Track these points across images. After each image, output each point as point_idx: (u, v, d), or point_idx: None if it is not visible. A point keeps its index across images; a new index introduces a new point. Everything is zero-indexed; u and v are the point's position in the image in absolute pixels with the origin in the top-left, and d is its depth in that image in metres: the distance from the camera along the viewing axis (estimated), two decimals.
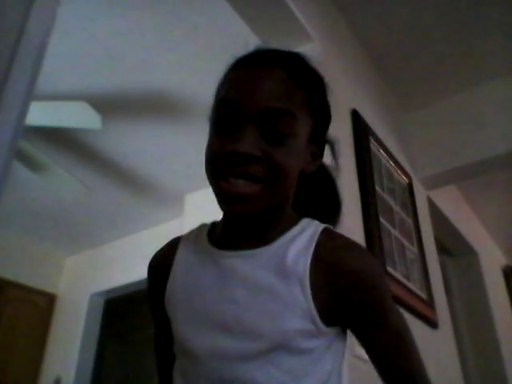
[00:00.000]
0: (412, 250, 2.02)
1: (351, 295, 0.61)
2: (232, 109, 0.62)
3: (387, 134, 2.26)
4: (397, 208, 2.02)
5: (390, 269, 1.71)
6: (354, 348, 1.33)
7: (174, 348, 0.67)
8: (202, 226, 0.73)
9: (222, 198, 0.62)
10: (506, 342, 3.02)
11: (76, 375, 3.85)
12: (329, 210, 0.75)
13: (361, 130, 1.90)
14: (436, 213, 2.68)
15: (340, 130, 1.80)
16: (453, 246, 3.14)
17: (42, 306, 4.21)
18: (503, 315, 3.27)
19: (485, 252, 3.41)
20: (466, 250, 3.18)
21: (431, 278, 2.09)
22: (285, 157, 0.61)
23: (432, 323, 1.95)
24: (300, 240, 0.63)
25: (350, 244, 0.64)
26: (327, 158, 0.75)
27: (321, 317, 0.60)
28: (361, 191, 1.76)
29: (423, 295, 1.94)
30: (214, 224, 0.73)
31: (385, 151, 2.07)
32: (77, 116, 2.39)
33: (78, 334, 3.98)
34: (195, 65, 2.37)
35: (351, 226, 1.63)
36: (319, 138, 0.70)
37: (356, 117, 1.91)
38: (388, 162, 2.09)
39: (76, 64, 2.45)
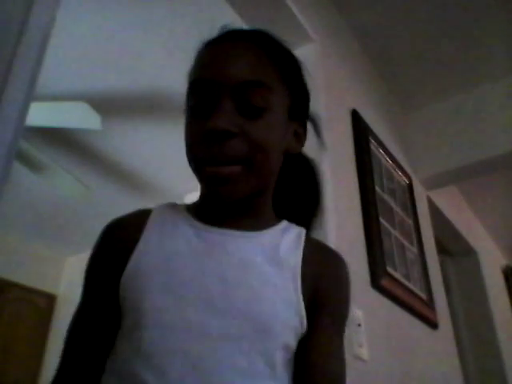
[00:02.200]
0: (412, 251, 2.01)
1: (332, 295, 0.63)
2: (205, 88, 0.60)
3: (387, 134, 2.26)
4: (397, 208, 2.02)
5: (389, 269, 1.71)
6: (353, 348, 1.33)
7: (127, 321, 0.58)
8: (174, 204, 0.69)
9: (209, 183, 0.60)
10: (506, 342, 3.02)
11: None
12: (308, 208, 0.74)
13: (361, 131, 1.90)
14: (436, 213, 2.68)
15: (340, 130, 1.80)
16: (453, 246, 3.14)
17: (42, 306, 4.21)
18: (503, 315, 3.27)
19: (485, 252, 3.41)
20: (466, 250, 3.18)
21: (431, 278, 2.09)
22: (263, 131, 0.60)
23: (432, 324, 1.95)
24: (288, 236, 0.65)
25: (334, 251, 0.69)
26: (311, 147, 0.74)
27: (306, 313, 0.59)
28: (361, 191, 1.76)
29: (423, 295, 1.94)
30: (188, 205, 0.69)
31: (385, 151, 2.07)
32: (77, 116, 2.39)
33: None
34: None
35: (351, 226, 1.63)
36: (299, 115, 0.69)
37: (356, 117, 1.91)
38: (388, 162, 2.09)
39: (76, 64, 2.45)
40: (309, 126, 0.72)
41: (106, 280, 0.61)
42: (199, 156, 0.60)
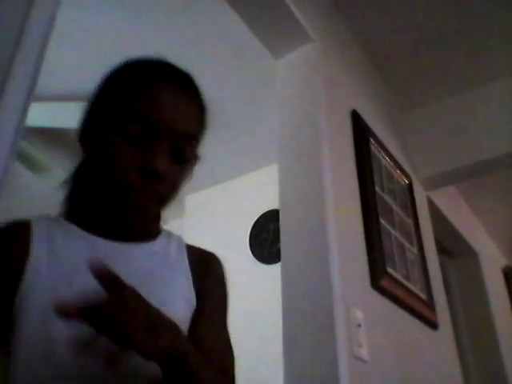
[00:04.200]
0: (412, 251, 2.01)
1: (215, 292, 0.73)
2: (149, 126, 0.65)
3: (387, 134, 2.26)
4: (397, 209, 2.02)
5: (389, 269, 1.71)
6: (353, 348, 1.33)
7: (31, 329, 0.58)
8: (49, 215, 0.70)
9: (126, 208, 0.64)
10: (506, 342, 3.02)
11: None
12: None
13: (361, 131, 1.90)
14: (436, 213, 2.68)
15: (340, 130, 1.80)
16: (453, 246, 3.14)
17: None
18: (503, 315, 3.27)
19: (485, 252, 3.41)
20: (466, 250, 3.18)
21: (431, 278, 2.09)
22: (184, 176, 0.70)
23: (432, 324, 1.95)
24: (173, 241, 0.75)
25: (212, 253, 0.78)
26: None
27: None
28: (361, 192, 1.76)
29: (423, 296, 1.94)
30: (64, 215, 0.72)
31: (385, 152, 2.07)
32: (77, 117, 2.39)
33: None
34: (195, 64, 2.37)
35: (351, 226, 1.63)
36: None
37: (356, 117, 1.91)
38: (388, 162, 2.09)
39: (76, 64, 2.45)
40: None
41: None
42: (131, 182, 0.63)
